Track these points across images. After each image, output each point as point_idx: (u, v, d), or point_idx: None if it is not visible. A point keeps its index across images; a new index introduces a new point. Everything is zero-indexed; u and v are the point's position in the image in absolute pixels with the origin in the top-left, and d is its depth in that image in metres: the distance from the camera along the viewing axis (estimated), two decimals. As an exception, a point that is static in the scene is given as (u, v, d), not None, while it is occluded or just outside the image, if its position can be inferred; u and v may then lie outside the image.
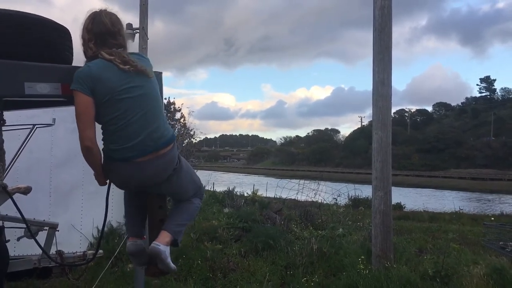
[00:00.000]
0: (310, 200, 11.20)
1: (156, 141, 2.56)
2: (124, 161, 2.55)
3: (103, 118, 2.53)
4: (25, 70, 2.57)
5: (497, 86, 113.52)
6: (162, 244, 2.68)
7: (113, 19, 2.65)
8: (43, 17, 2.82)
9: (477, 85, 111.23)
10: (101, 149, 2.60)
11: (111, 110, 2.50)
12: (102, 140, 2.59)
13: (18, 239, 3.88)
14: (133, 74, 2.54)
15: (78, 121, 2.49)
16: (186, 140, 14.09)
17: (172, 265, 2.79)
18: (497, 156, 71.09)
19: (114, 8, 2.72)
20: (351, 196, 16.46)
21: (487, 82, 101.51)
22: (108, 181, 2.79)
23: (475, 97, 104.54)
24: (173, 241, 2.76)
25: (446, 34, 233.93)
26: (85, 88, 2.46)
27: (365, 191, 16.35)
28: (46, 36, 2.76)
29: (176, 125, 14.06)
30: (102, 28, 2.59)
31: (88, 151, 2.51)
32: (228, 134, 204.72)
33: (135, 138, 2.52)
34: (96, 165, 2.61)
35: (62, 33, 2.90)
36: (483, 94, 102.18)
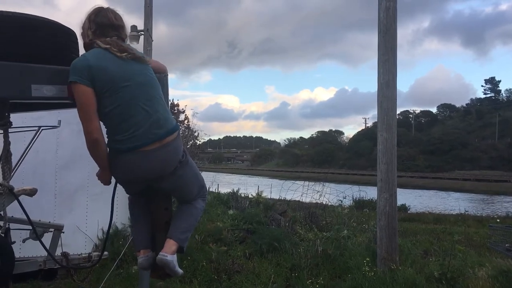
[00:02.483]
0: (314, 201, 11.15)
1: (160, 128, 2.55)
2: (130, 151, 2.52)
3: (104, 109, 2.51)
4: (31, 73, 2.58)
5: (502, 87, 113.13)
6: (169, 254, 2.67)
7: (118, 16, 2.69)
8: (49, 19, 2.83)
9: (482, 86, 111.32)
10: None
11: (112, 100, 2.49)
12: (106, 133, 2.58)
13: (24, 240, 3.88)
14: (132, 62, 2.54)
15: (82, 114, 2.46)
16: (191, 142, 14.11)
17: (179, 270, 2.77)
18: (502, 157, 70.77)
19: (119, 11, 2.75)
20: (356, 198, 16.41)
21: (492, 83, 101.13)
22: (113, 182, 2.79)
23: (480, 99, 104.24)
24: (179, 247, 2.75)
25: (448, 36, 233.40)
26: (83, 79, 2.44)
27: (370, 192, 16.31)
28: (52, 38, 2.77)
29: (180, 127, 14.07)
30: (105, 21, 2.61)
31: (96, 144, 2.49)
32: (232, 135, 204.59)
33: (140, 127, 2.50)
34: (102, 159, 2.59)
35: (67, 35, 2.91)
36: (488, 96, 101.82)
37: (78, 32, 2.78)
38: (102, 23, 2.60)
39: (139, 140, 2.50)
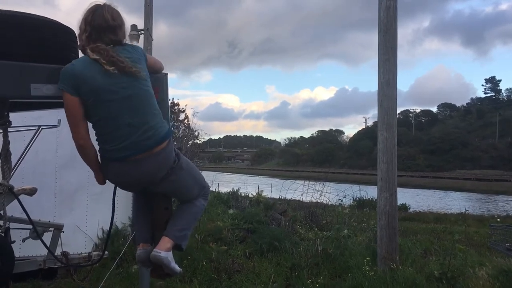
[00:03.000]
0: (314, 201, 11.16)
1: (149, 139, 2.51)
2: (118, 161, 2.53)
3: (92, 118, 2.51)
4: (31, 72, 2.58)
5: (502, 86, 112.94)
6: (162, 250, 2.66)
7: (115, 14, 2.58)
8: (49, 18, 2.82)
9: (482, 85, 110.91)
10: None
11: (98, 111, 2.46)
12: (96, 140, 2.58)
13: (24, 240, 3.88)
14: (120, 75, 2.45)
15: (68, 121, 2.49)
16: (191, 141, 14.11)
17: (177, 268, 2.76)
18: (503, 157, 70.73)
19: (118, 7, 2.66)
20: (356, 197, 16.41)
21: (492, 82, 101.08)
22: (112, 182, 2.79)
23: (480, 98, 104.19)
24: (176, 245, 2.74)
25: (449, 36, 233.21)
26: (69, 87, 2.42)
27: (370, 192, 16.30)
28: (52, 37, 2.76)
29: (180, 126, 14.08)
30: (101, 22, 2.51)
31: (81, 149, 2.52)
32: (232, 135, 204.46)
33: (127, 138, 2.48)
34: (92, 163, 2.62)
35: (67, 34, 2.90)
36: (488, 95, 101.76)
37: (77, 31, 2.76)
38: (98, 26, 2.50)
39: (127, 150, 2.49)
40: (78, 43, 2.59)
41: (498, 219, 11.33)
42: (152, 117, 2.56)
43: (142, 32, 11.84)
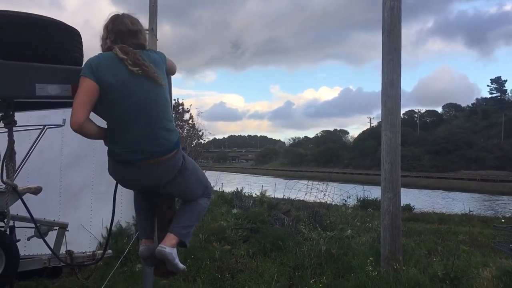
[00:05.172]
0: (318, 201, 11.17)
1: (159, 147, 2.54)
2: (124, 164, 2.56)
3: (106, 115, 2.53)
4: (36, 72, 2.60)
5: (508, 87, 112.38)
6: (168, 246, 2.69)
7: (133, 20, 2.67)
8: (53, 18, 2.84)
9: (488, 85, 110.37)
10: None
11: (114, 109, 2.49)
12: (108, 138, 2.60)
13: (29, 238, 3.92)
14: (142, 77, 2.49)
15: (74, 102, 2.43)
16: (195, 141, 14.12)
17: (181, 265, 2.80)
18: (508, 157, 70.29)
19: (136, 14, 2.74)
20: (360, 197, 16.40)
21: (498, 83, 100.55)
22: (114, 182, 2.82)
23: (486, 98, 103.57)
24: (181, 242, 2.77)
25: (452, 36, 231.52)
26: (89, 72, 2.44)
27: (374, 192, 16.25)
28: (56, 37, 2.78)
29: (184, 126, 14.11)
30: (122, 28, 2.59)
31: (78, 133, 2.46)
32: (236, 134, 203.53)
33: (137, 144, 2.50)
34: (93, 138, 2.59)
35: (72, 34, 2.93)
36: (494, 95, 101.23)
37: (82, 32, 2.78)
38: (120, 31, 2.58)
39: (136, 155, 2.52)
40: (102, 49, 2.61)
41: (503, 220, 11.30)
42: (165, 125, 2.59)
43: (147, 32, 11.89)
